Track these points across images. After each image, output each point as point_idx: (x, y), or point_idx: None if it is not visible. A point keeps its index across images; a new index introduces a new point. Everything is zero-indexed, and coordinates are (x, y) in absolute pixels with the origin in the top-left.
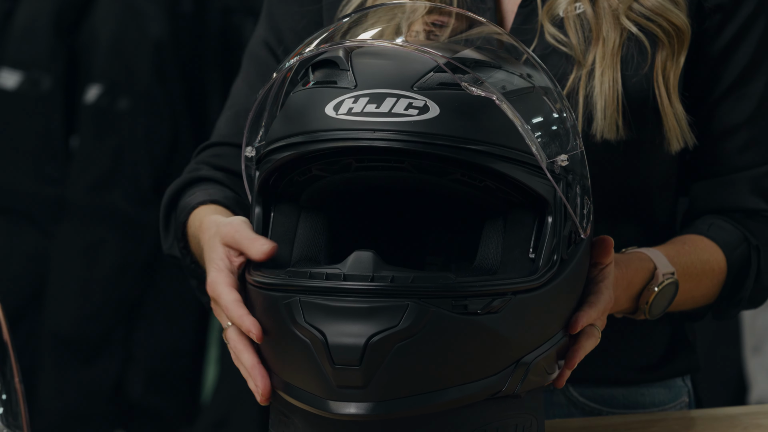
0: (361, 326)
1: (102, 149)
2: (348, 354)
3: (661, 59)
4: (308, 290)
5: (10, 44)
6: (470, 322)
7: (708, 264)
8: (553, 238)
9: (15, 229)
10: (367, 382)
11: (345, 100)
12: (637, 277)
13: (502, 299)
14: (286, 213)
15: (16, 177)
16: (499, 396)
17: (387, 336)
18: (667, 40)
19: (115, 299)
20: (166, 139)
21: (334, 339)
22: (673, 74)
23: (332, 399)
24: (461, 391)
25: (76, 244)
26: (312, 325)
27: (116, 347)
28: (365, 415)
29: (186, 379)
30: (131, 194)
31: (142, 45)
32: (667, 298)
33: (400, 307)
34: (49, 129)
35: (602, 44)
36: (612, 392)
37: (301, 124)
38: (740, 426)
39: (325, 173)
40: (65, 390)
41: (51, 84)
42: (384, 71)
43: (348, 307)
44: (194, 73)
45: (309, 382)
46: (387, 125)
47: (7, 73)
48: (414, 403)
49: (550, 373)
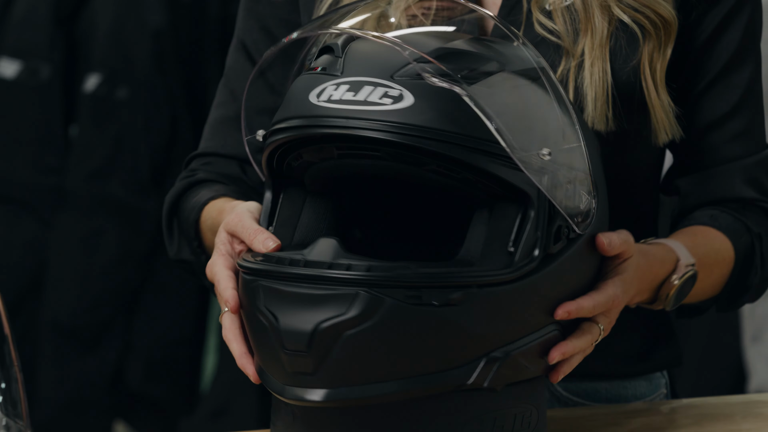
0: (310, 313)
1: (101, 138)
2: (297, 340)
3: (648, 51)
4: (269, 275)
5: (9, 33)
6: (425, 313)
7: (720, 254)
8: (535, 232)
9: (14, 218)
10: (317, 368)
11: (327, 88)
12: (662, 269)
13: (462, 292)
14: (292, 197)
15: (14, 166)
16: (467, 389)
17: (335, 324)
18: (654, 31)
19: (115, 288)
20: (165, 128)
21: (285, 324)
22: (660, 66)
23: (288, 384)
24: (421, 381)
25: (75, 234)
26: (269, 309)
27: (115, 336)
28: (317, 401)
29: (185, 368)
30: (130, 183)
31: (142, 34)
32: (686, 290)
33: (349, 296)
34: (48, 118)
35: (591, 35)
36: (595, 386)
37: (289, 109)
38: (739, 415)
39: (314, 159)
40: (64, 379)
41: (50, 73)
42: (370, 60)
43: (300, 293)
44: (193, 61)
45: (272, 367)
46: (360, 113)
47: (6, 62)
48: (367, 391)
49: (531, 368)
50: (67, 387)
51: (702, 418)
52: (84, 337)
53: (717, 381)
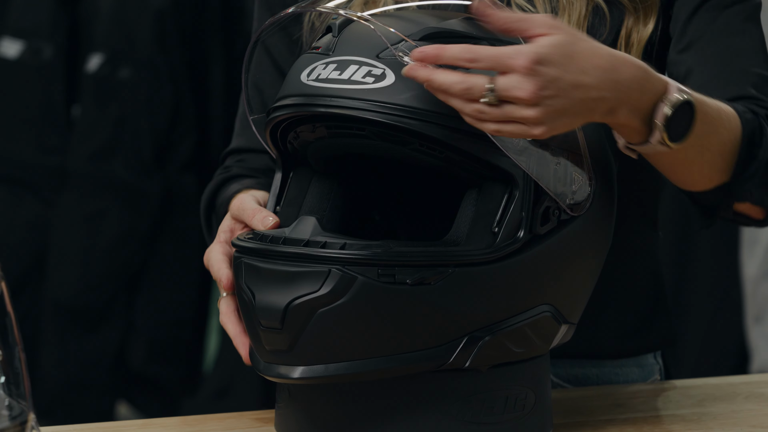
0: (284, 289)
1: (103, 118)
2: (270, 316)
3: (627, 28)
4: (250, 252)
5: (12, 13)
6: (399, 292)
7: (723, 111)
8: (519, 213)
9: (16, 198)
10: (292, 346)
11: (317, 66)
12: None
13: (437, 271)
14: (300, 177)
15: (17, 146)
16: (449, 369)
17: (307, 301)
18: (632, 7)
19: (117, 268)
20: (167, 108)
21: (260, 301)
22: (636, 43)
23: (265, 361)
24: (396, 360)
25: (77, 214)
26: (248, 286)
27: (118, 316)
28: (293, 378)
29: (188, 349)
30: (133, 163)
31: (144, 14)
32: (686, 120)
33: (321, 273)
34: (50, 98)
35: (568, 14)
36: (586, 372)
37: (284, 88)
38: (742, 395)
39: (309, 138)
40: (67, 359)
41: (52, 53)
42: (359, 40)
43: (274, 269)
44: (195, 42)
45: (254, 344)
46: (343, 92)
47: (9, 42)
48: (342, 369)
49: (519, 350)
50: (69, 367)
51: (704, 398)
52: (86, 317)
53: (719, 362)
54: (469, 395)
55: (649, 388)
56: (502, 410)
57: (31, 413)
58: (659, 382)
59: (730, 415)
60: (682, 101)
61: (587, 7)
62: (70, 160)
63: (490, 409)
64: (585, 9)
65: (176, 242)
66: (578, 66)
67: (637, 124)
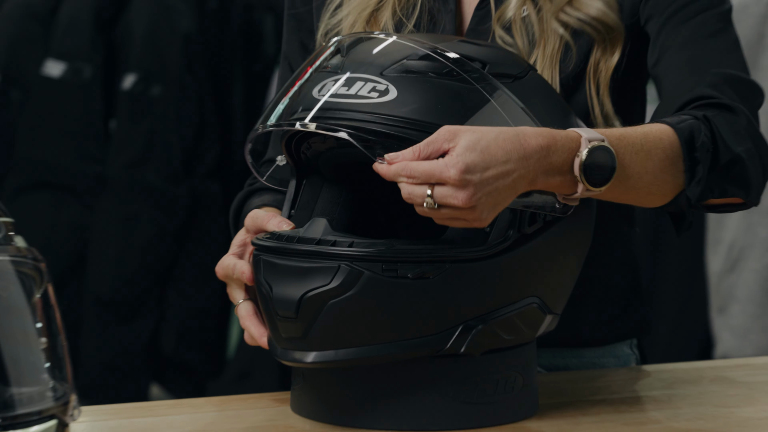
0: (298, 283)
1: (137, 131)
2: (286, 307)
3: (595, 58)
4: (267, 250)
5: (55, 37)
6: (401, 285)
7: (650, 135)
8: (509, 214)
9: (60, 203)
10: (306, 333)
11: (327, 83)
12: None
13: (435, 266)
14: (312, 184)
15: (61, 156)
16: (447, 354)
17: (319, 293)
18: (600, 39)
19: (150, 265)
20: (194, 122)
21: (277, 293)
22: (604, 73)
23: (282, 347)
24: (398, 346)
25: (114, 216)
26: (266, 280)
27: (151, 308)
28: (308, 363)
29: (213, 336)
30: (163, 171)
31: (173, 38)
32: (605, 163)
33: (332, 268)
34: (90, 113)
35: (543, 47)
36: (567, 363)
37: (299, 102)
38: (707, 378)
39: (321, 148)
40: (105, 346)
41: (92, 73)
42: (365, 59)
43: (289, 265)
44: (219, 63)
45: (272, 333)
46: (350, 106)
47: (53, 63)
48: (350, 354)
49: (509, 337)
50: (107, 353)
51: (674, 381)
52: (122, 308)
53: (687, 349)
54: (463, 378)
55: (625, 373)
56: (494, 392)
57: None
58: (634, 367)
59: (697, 396)
60: (593, 148)
61: (561, 41)
62: (107, 169)
63: (482, 391)
64: (559, 42)
65: (202, 241)
66: (495, 157)
67: (558, 182)
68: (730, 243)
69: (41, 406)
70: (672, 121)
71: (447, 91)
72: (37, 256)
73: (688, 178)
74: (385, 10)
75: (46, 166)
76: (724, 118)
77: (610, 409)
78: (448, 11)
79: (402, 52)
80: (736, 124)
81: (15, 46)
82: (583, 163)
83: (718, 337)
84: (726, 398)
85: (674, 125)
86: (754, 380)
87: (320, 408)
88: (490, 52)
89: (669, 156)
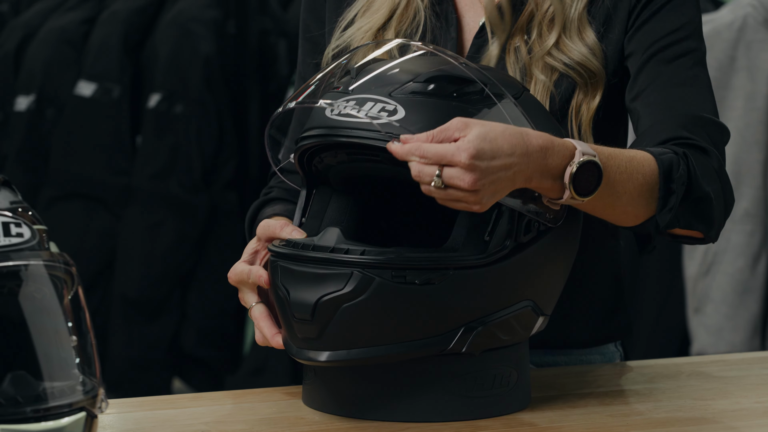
0: (314, 288)
1: (161, 146)
2: (303, 310)
3: (578, 100)
4: (284, 257)
5: (87, 60)
6: (409, 290)
7: (635, 160)
8: (507, 225)
9: (90, 211)
10: (320, 334)
11: (340, 103)
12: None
13: (440, 273)
14: (322, 194)
15: (91, 169)
16: (449, 353)
17: (334, 297)
18: (582, 83)
19: (172, 268)
20: (213, 137)
21: (295, 297)
22: (586, 113)
23: (298, 347)
24: (406, 347)
25: (140, 224)
26: (284, 285)
27: (173, 308)
28: (321, 361)
29: (231, 335)
30: (185, 182)
31: (194, 60)
32: (593, 177)
33: (345, 275)
34: (118, 129)
35: (534, 83)
36: (557, 360)
37: (312, 121)
38: (685, 373)
39: (332, 162)
40: (131, 343)
41: (120, 92)
42: (378, 80)
43: (306, 271)
44: (237, 83)
45: (288, 333)
46: (361, 125)
47: (85, 84)
48: (361, 354)
49: (506, 337)
50: (132, 350)
51: (654, 376)
52: (147, 308)
53: (666, 346)
54: (464, 374)
55: (610, 368)
56: (491, 386)
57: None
58: (618, 363)
59: (676, 390)
60: (584, 161)
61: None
62: (134, 180)
63: (481, 386)
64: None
65: (220, 247)
66: (501, 149)
67: (549, 185)
68: (705, 249)
69: (71, 399)
70: (655, 151)
71: (452, 111)
72: (68, 260)
73: (660, 206)
74: (389, 30)
75: (78, 178)
76: (699, 158)
77: (596, 402)
78: (450, 38)
79: (409, 74)
80: (709, 165)
81: (50, 68)
82: (574, 173)
83: (694, 335)
84: (702, 391)
85: (656, 156)
86: (728, 375)
87: (331, 401)
88: (489, 73)
89: (647, 182)
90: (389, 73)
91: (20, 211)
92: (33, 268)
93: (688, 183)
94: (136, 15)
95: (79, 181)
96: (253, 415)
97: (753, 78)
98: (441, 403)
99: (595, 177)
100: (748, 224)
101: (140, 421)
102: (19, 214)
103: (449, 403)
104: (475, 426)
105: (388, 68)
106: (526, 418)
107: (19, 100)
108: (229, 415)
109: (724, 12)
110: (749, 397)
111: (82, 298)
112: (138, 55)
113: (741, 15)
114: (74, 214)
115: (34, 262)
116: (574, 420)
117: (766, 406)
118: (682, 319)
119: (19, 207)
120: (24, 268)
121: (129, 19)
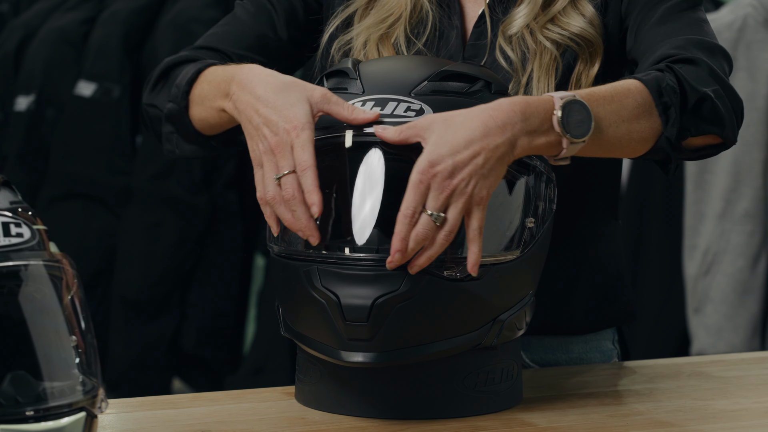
0: (368, 290)
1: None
2: (357, 312)
3: (578, 71)
4: (326, 260)
5: (87, 60)
6: (456, 287)
7: (618, 87)
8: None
9: (91, 211)
10: (373, 336)
11: (355, 104)
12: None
13: (482, 269)
14: None
15: (91, 169)
16: (480, 348)
17: (389, 298)
18: (581, 52)
19: (172, 268)
20: None
21: (346, 300)
22: (585, 82)
23: (343, 349)
24: (448, 343)
25: (140, 224)
26: (328, 288)
27: (173, 308)
28: (370, 363)
29: (230, 335)
30: (185, 183)
31: None
32: (580, 115)
33: (400, 275)
34: (118, 130)
35: (539, 58)
36: (557, 358)
37: (332, 120)
38: (685, 373)
39: None
40: (131, 343)
41: (120, 93)
42: (386, 80)
43: (357, 274)
44: None
45: (324, 336)
46: (393, 124)
47: (85, 84)
48: (410, 353)
49: (519, 329)
50: (132, 350)
51: (655, 376)
52: (147, 308)
53: (666, 346)
54: (479, 369)
55: (609, 368)
56: (499, 380)
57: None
58: (617, 363)
59: (676, 390)
60: (565, 102)
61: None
62: (134, 180)
63: (492, 380)
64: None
65: (220, 247)
66: (462, 136)
67: (544, 143)
68: (705, 249)
69: (71, 399)
70: (637, 75)
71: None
72: (68, 260)
73: (664, 122)
74: (398, 28)
75: (78, 178)
76: (686, 67)
77: (595, 402)
78: (454, 27)
79: (421, 73)
80: (699, 71)
81: (50, 68)
82: (561, 119)
83: (694, 335)
84: (702, 392)
85: (640, 78)
86: (728, 375)
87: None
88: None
89: (640, 104)
90: (401, 72)
91: (20, 211)
92: (33, 268)
93: (681, 90)
94: (136, 15)
95: (79, 181)
96: (253, 415)
97: (753, 78)
98: (458, 399)
99: (584, 114)
100: (748, 224)
101: (140, 421)
102: (19, 214)
103: (465, 399)
104: (475, 426)
105: (396, 67)
106: (525, 417)
107: (19, 100)
108: (229, 415)
109: (724, 12)
110: (749, 397)
111: (82, 298)
112: (138, 55)
113: (741, 15)
114: (74, 214)
115: (34, 262)
116: (574, 420)
117: (766, 406)
118: (682, 319)
119: (19, 207)
120: (24, 268)
121: (129, 19)
